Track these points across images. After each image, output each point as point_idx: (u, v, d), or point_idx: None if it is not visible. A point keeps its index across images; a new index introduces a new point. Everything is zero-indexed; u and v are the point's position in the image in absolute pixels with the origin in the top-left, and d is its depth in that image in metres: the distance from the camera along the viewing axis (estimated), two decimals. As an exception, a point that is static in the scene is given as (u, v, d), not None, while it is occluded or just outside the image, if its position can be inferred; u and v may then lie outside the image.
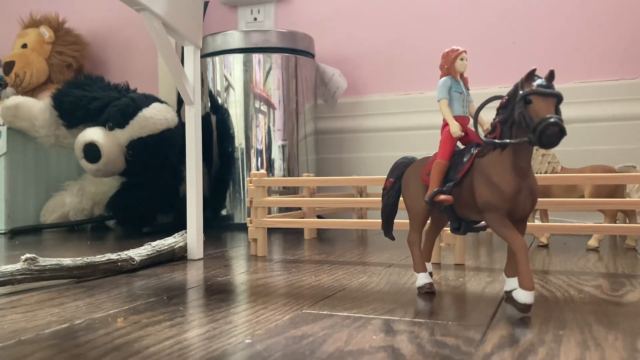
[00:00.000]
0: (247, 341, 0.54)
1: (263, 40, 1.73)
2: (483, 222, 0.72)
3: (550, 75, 0.62)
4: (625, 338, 0.54)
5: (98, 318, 0.64)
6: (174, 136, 1.67)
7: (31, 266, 0.81)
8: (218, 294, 0.78)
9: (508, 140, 0.63)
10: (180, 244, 1.10)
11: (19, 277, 0.80)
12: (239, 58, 1.73)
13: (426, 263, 0.79)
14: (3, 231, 1.74)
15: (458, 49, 0.73)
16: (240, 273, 0.96)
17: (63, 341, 0.56)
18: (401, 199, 0.80)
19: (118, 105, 1.66)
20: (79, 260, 0.89)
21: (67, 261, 0.87)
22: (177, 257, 1.09)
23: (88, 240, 1.54)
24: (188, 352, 0.51)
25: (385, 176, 0.83)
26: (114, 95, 1.71)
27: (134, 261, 0.96)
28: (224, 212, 1.78)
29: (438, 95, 0.73)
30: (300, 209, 1.47)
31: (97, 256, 0.93)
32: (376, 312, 0.65)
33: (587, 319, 0.61)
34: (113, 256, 0.94)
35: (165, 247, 1.06)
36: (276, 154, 1.75)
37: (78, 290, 0.81)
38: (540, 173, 1.20)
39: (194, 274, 0.94)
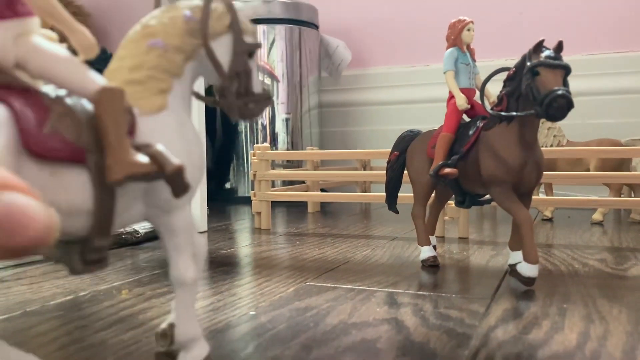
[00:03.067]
0: (251, 313, 0.55)
1: (266, 11, 1.70)
2: (488, 196, 0.71)
3: (559, 47, 0.61)
4: (629, 311, 0.54)
5: (103, 290, 0.65)
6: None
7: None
8: (222, 266, 0.78)
9: (515, 113, 0.62)
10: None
11: (23, 249, 0.81)
12: (242, 29, 1.71)
13: (430, 236, 0.79)
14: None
15: (465, 20, 0.72)
16: (244, 246, 0.96)
17: (68, 313, 0.56)
18: (405, 172, 0.80)
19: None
20: (83, 232, 0.89)
21: (71, 234, 0.87)
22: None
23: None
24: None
25: (390, 149, 0.82)
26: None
27: (138, 234, 0.96)
28: (227, 185, 1.78)
29: (444, 66, 0.72)
30: (303, 182, 1.47)
31: (102, 229, 0.93)
32: (380, 285, 0.66)
33: (591, 293, 0.61)
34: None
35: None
36: (280, 127, 1.74)
37: (83, 262, 0.81)
38: (546, 146, 1.19)
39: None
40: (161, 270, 0.75)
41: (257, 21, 1.70)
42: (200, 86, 1.00)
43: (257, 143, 1.72)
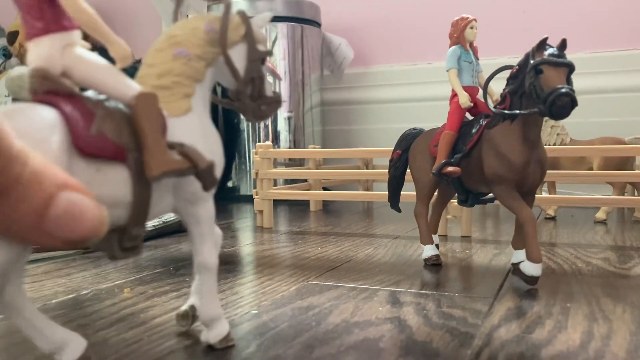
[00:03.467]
0: (253, 312, 0.54)
1: (269, 8, 1.70)
2: (491, 194, 0.71)
3: (562, 45, 0.60)
4: (633, 311, 0.54)
5: (104, 289, 0.65)
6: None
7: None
8: (224, 265, 0.78)
9: (518, 111, 0.62)
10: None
11: (25, 247, 0.81)
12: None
13: (433, 235, 0.78)
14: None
15: (468, 17, 0.72)
16: (246, 244, 0.96)
17: (70, 311, 0.56)
18: (408, 170, 0.80)
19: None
20: (86, 231, 0.89)
21: (73, 232, 0.87)
22: (184, 228, 1.09)
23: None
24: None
25: (392, 148, 0.82)
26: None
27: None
28: (229, 184, 1.78)
29: (447, 64, 0.72)
30: (306, 180, 1.47)
31: (104, 227, 0.93)
32: (382, 284, 0.65)
33: (594, 292, 0.61)
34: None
35: (172, 219, 1.06)
36: (282, 126, 1.74)
37: (85, 261, 0.81)
38: (549, 145, 1.19)
39: (200, 245, 0.94)
40: (163, 268, 0.75)
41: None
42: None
43: (259, 141, 1.71)
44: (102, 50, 0.38)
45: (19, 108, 0.33)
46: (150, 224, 1.00)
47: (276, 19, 1.71)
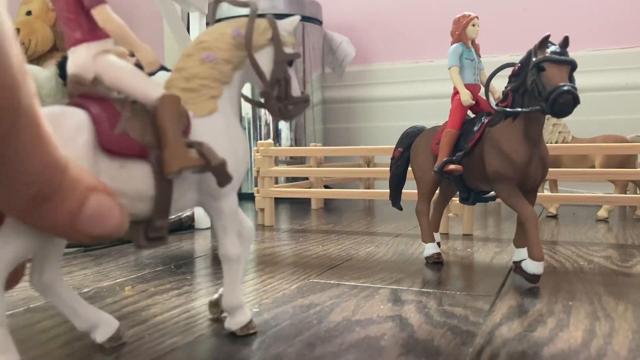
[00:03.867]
0: (254, 310, 0.54)
1: (270, 6, 1.70)
2: (492, 192, 0.71)
3: (565, 42, 0.60)
4: (635, 309, 0.54)
5: (106, 286, 0.65)
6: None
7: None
8: (225, 263, 0.77)
9: (520, 109, 0.61)
10: (188, 213, 1.10)
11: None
12: (245, 25, 1.71)
13: (434, 233, 0.78)
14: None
15: (470, 15, 0.72)
16: (247, 242, 0.96)
17: (71, 309, 0.56)
18: (410, 168, 0.80)
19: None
20: (87, 229, 0.89)
21: (75, 230, 0.87)
22: (185, 226, 1.10)
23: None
24: (195, 321, 0.51)
25: (394, 146, 0.82)
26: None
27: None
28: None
29: (449, 62, 0.72)
30: (307, 178, 1.47)
31: (105, 225, 0.93)
32: (384, 282, 0.65)
33: (596, 290, 0.61)
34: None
35: (173, 216, 1.06)
36: (283, 124, 1.74)
37: (86, 258, 0.81)
38: (551, 143, 1.18)
39: (201, 243, 0.94)
40: (164, 266, 0.75)
41: (260, 16, 1.69)
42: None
43: (261, 139, 1.71)
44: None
45: (51, 110, 0.36)
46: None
47: (278, 16, 1.69)
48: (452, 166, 0.68)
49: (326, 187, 1.54)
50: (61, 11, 0.40)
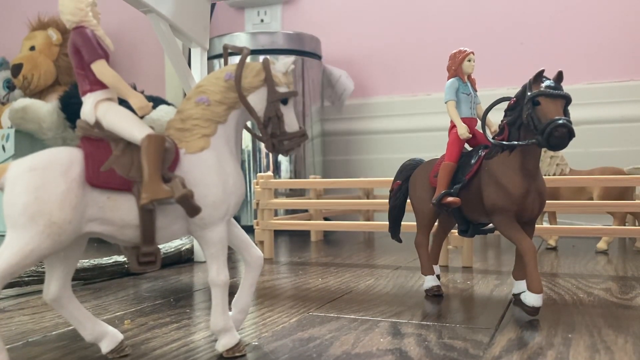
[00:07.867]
0: (254, 343, 0.54)
1: (270, 41, 1.73)
2: (491, 225, 0.71)
3: (559, 77, 0.61)
4: (635, 341, 0.54)
5: (105, 320, 0.64)
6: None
7: (38, 268, 0.82)
8: (225, 296, 0.77)
9: (516, 142, 0.62)
10: (187, 246, 1.10)
11: (26, 278, 0.81)
12: (245, 60, 1.73)
13: (434, 265, 0.78)
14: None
15: (465, 50, 0.73)
16: (247, 275, 0.95)
17: (70, 343, 0.56)
18: (408, 201, 0.80)
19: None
20: (86, 262, 0.89)
21: (74, 263, 0.87)
22: (184, 259, 1.09)
23: (95, 242, 1.54)
24: (195, 355, 0.51)
25: (393, 178, 0.83)
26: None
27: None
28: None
29: (445, 96, 0.73)
30: (307, 211, 1.47)
31: (104, 258, 0.93)
32: (383, 315, 0.65)
33: (596, 322, 0.61)
34: (120, 258, 0.94)
35: (172, 250, 1.06)
36: (283, 156, 1.75)
37: (85, 292, 0.81)
38: (549, 175, 1.19)
39: (200, 277, 0.94)
40: (163, 300, 0.75)
41: (261, 52, 1.72)
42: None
43: (260, 172, 1.72)
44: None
45: (53, 149, 0.44)
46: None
47: (277, 52, 1.73)
48: (450, 198, 0.69)
49: (326, 219, 1.54)
50: (75, 67, 0.47)
